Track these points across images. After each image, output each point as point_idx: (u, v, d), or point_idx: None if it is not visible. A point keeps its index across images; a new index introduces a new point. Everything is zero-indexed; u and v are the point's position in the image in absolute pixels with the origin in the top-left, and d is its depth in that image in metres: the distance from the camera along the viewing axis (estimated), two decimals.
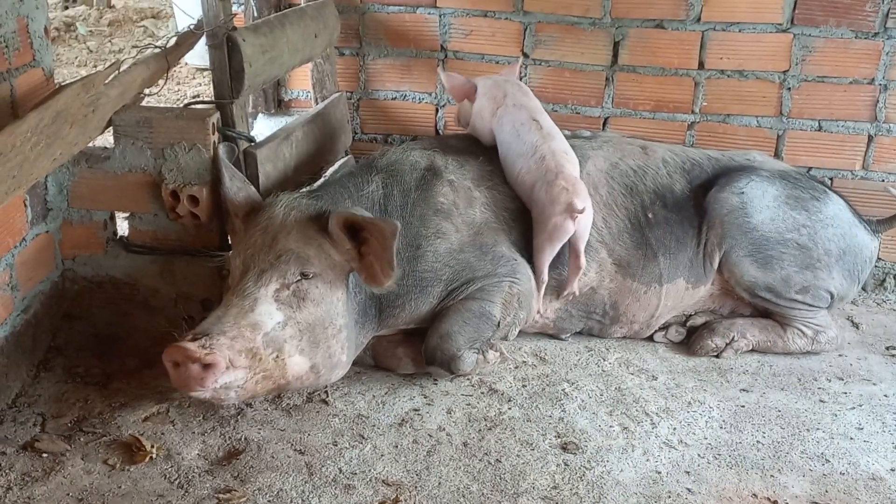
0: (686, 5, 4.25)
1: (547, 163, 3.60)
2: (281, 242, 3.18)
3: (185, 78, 7.73)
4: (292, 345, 3.10)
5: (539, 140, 3.66)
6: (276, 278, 3.12)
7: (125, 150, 3.46)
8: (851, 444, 3.27)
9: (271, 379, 3.08)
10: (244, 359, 2.97)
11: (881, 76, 4.20)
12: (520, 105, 3.79)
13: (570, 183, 3.55)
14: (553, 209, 3.52)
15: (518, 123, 3.73)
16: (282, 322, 3.08)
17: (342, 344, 3.25)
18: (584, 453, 3.16)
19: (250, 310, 3.06)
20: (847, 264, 3.85)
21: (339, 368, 3.29)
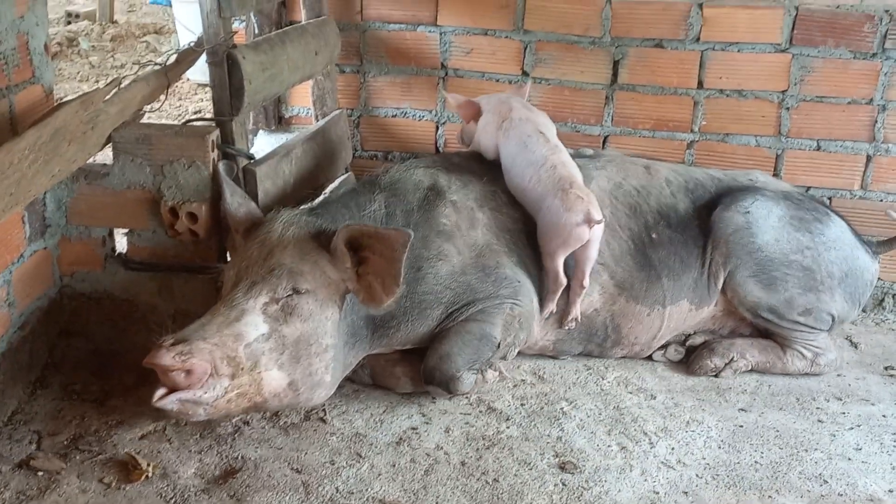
0: (685, 25, 4.26)
1: (559, 171, 3.59)
2: (276, 257, 3.17)
3: (187, 94, 7.76)
4: (271, 358, 3.05)
5: (548, 151, 3.67)
6: (266, 291, 3.11)
7: (124, 167, 3.47)
8: (849, 464, 3.26)
9: (246, 396, 3.02)
10: (227, 366, 2.94)
11: (879, 96, 4.20)
12: (526, 119, 3.79)
13: (584, 192, 3.55)
14: (570, 217, 3.49)
15: (525, 136, 3.72)
16: (265, 334, 3.05)
17: (326, 364, 3.21)
18: (582, 473, 3.16)
19: (236, 319, 3.03)
20: (849, 287, 3.84)
21: (322, 389, 3.23)
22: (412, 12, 4.50)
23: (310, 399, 3.23)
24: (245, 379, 2.99)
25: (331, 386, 3.29)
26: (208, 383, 2.90)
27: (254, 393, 3.04)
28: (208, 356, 2.89)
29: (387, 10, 4.52)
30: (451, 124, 4.61)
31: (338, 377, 3.33)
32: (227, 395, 2.96)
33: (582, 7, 4.33)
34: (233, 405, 3.00)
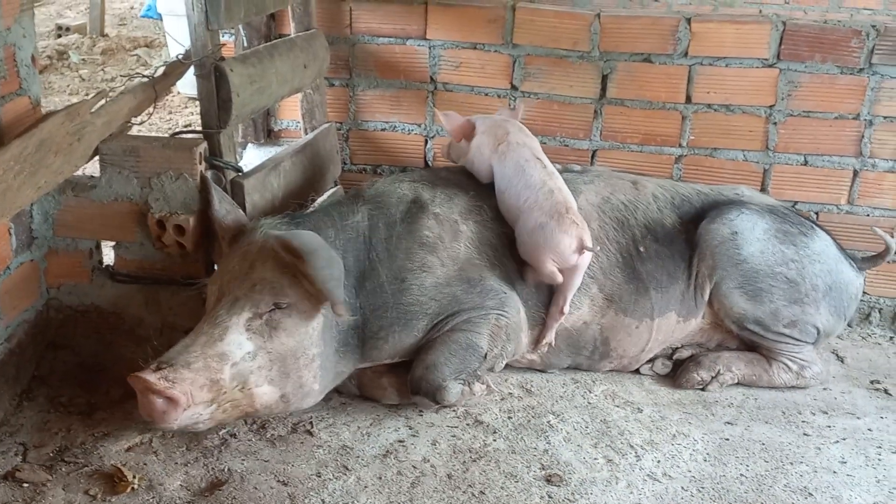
0: (673, 40, 4.27)
1: (556, 196, 3.60)
2: (258, 271, 3.18)
3: (178, 107, 7.76)
4: (261, 375, 3.10)
5: (545, 176, 3.67)
6: (248, 307, 3.12)
7: (111, 179, 3.47)
8: (835, 477, 3.27)
9: (239, 408, 3.10)
10: (207, 392, 2.97)
11: (866, 111, 4.22)
12: (523, 143, 3.78)
13: (580, 220, 3.58)
14: (564, 238, 3.52)
15: (523, 160, 3.71)
16: (252, 352, 3.08)
17: (314, 373, 3.24)
18: (569, 486, 3.16)
19: (219, 339, 3.05)
20: (833, 300, 3.86)
21: (311, 397, 3.29)
22: (401, 26, 4.51)
23: (299, 407, 3.30)
24: (237, 395, 3.05)
25: (319, 393, 3.32)
26: (192, 410, 2.96)
27: (247, 405, 3.12)
28: (189, 386, 2.93)
29: (376, 23, 4.53)
30: (441, 138, 4.62)
31: (326, 385, 3.35)
32: (221, 407, 3.04)
33: (570, 21, 4.35)
34: (227, 415, 3.09)
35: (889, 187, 4.29)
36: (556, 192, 3.62)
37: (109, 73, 8.81)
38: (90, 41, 9.67)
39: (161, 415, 2.90)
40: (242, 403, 3.09)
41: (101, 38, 9.82)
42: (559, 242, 3.52)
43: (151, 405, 2.89)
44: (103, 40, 9.75)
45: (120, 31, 10.45)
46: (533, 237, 3.59)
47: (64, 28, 10.05)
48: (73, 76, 8.69)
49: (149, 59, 9.17)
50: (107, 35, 10.00)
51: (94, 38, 9.78)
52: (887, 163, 4.27)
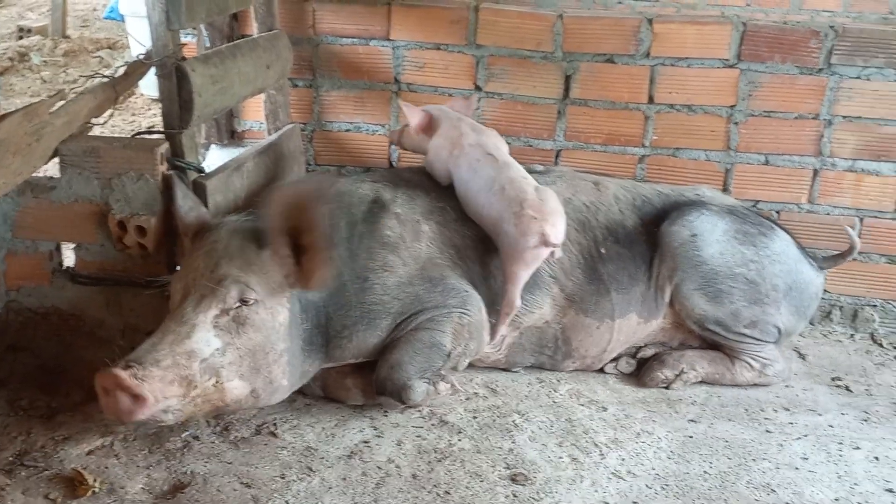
0: (635, 41, 4.29)
1: (508, 193, 3.58)
2: (223, 268, 3.16)
3: (140, 109, 7.71)
4: (231, 370, 3.09)
5: (495, 172, 3.66)
6: (215, 304, 3.10)
7: (71, 180, 3.44)
8: (797, 473, 3.29)
9: (210, 402, 3.07)
10: (176, 388, 2.95)
11: (826, 111, 4.25)
12: (475, 144, 3.78)
13: (536, 210, 3.53)
14: (525, 241, 3.50)
15: (474, 161, 3.72)
16: (220, 348, 3.06)
17: (283, 368, 3.23)
18: (534, 485, 3.16)
19: (187, 336, 3.03)
20: (794, 300, 3.89)
21: (280, 392, 3.28)
22: (365, 26, 4.50)
23: (268, 402, 3.29)
24: (209, 388, 3.03)
25: (288, 389, 3.31)
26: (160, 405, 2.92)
27: (217, 399, 3.09)
28: (158, 384, 2.90)
29: (339, 24, 4.52)
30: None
31: (294, 381, 3.34)
32: (193, 402, 3.01)
33: (533, 22, 4.36)
34: (198, 409, 3.06)
35: (848, 186, 4.33)
36: (506, 188, 3.59)
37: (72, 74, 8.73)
38: (52, 43, 9.58)
39: (127, 413, 2.87)
40: (214, 398, 3.06)
41: (63, 40, 9.73)
42: (523, 247, 3.52)
43: (117, 403, 2.86)
44: (65, 42, 9.67)
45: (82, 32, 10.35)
46: (503, 248, 3.60)
47: (25, 30, 9.95)
48: (35, 78, 8.61)
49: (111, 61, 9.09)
50: (69, 37, 9.91)
51: (56, 39, 9.69)
52: (847, 162, 4.30)
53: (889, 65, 4.15)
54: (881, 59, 4.15)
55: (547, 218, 3.53)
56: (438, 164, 3.84)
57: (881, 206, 4.34)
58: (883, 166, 4.29)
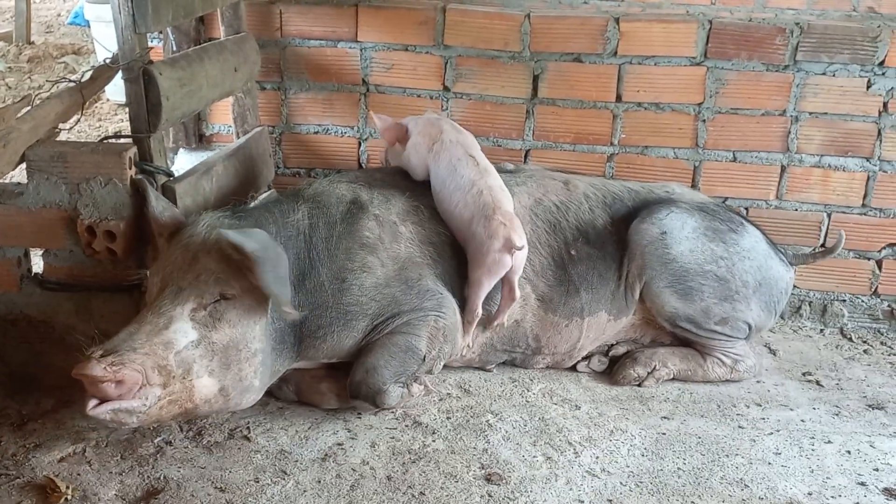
0: (603, 40, 4.31)
1: (485, 198, 3.61)
2: (201, 262, 3.15)
3: (107, 114, 7.65)
4: (202, 365, 3.05)
5: (476, 175, 3.68)
6: (193, 297, 3.09)
7: (39, 186, 3.41)
8: (770, 468, 3.31)
9: (178, 403, 3.02)
10: (158, 376, 2.92)
11: (792, 108, 4.29)
12: (455, 142, 3.79)
13: (507, 219, 3.57)
14: (492, 244, 3.53)
15: (455, 159, 3.73)
16: (195, 341, 3.04)
17: (255, 368, 3.21)
18: (508, 484, 3.16)
19: (164, 327, 3.01)
20: (764, 296, 3.91)
21: (251, 393, 3.25)
22: (332, 28, 4.49)
23: (238, 404, 3.23)
24: (177, 386, 2.99)
25: (259, 390, 3.29)
26: (140, 393, 2.88)
27: (185, 399, 3.03)
28: (139, 367, 2.87)
29: (307, 26, 4.51)
30: (374, 140, 4.61)
31: (265, 382, 3.32)
32: (160, 403, 2.95)
33: (501, 22, 4.36)
34: (164, 412, 3.00)
35: (816, 182, 4.37)
36: (484, 193, 3.62)
37: (37, 80, 8.64)
38: (16, 49, 9.49)
39: (116, 398, 2.84)
40: (181, 398, 3.02)
41: (28, 46, 9.64)
42: (489, 249, 3.54)
43: (103, 392, 2.82)
44: (30, 48, 9.58)
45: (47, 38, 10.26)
46: (470, 250, 3.64)
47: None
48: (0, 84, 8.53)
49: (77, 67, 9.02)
50: (33, 42, 9.82)
51: (21, 45, 9.60)
52: (813, 158, 4.34)
53: (854, 61, 4.19)
54: (846, 55, 4.19)
55: (515, 228, 3.56)
56: (416, 158, 3.84)
57: (849, 202, 4.38)
58: (849, 162, 4.32)
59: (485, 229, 3.55)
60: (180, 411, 3.06)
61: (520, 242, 3.54)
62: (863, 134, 4.29)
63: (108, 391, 2.82)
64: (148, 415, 2.95)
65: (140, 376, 2.86)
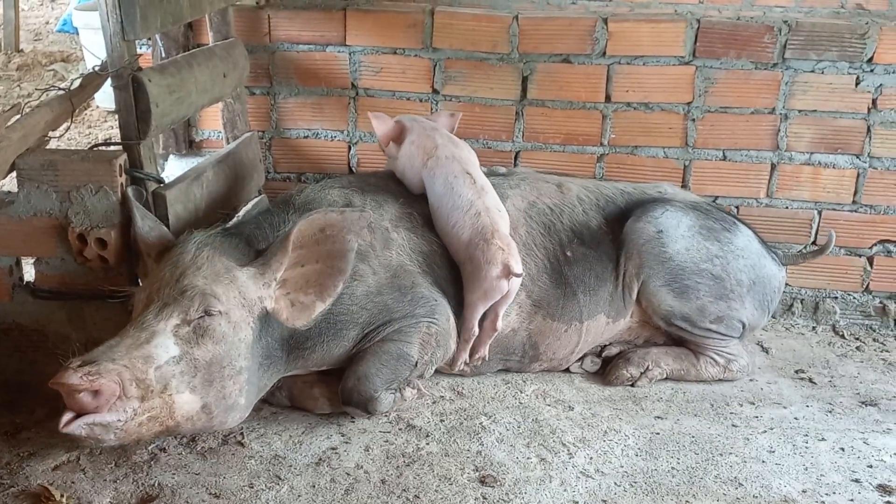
0: (591, 40, 4.31)
1: (483, 220, 3.57)
2: (188, 278, 3.13)
3: (97, 121, 7.64)
4: (182, 381, 3.01)
5: (473, 195, 3.63)
6: (177, 313, 3.07)
7: (30, 194, 3.40)
8: (763, 467, 3.32)
9: (158, 419, 2.97)
10: (135, 388, 2.88)
11: (781, 106, 4.29)
12: (452, 157, 3.75)
13: (505, 243, 3.54)
14: (490, 269, 3.50)
15: (451, 176, 3.68)
16: (177, 357, 3.01)
17: (240, 386, 3.17)
18: (503, 486, 3.17)
19: (146, 342, 2.99)
20: (757, 294, 3.92)
21: (236, 411, 3.20)
22: (321, 33, 4.49)
23: (224, 422, 3.19)
24: (156, 402, 2.94)
25: (245, 409, 3.25)
26: (116, 405, 2.85)
27: (166, 416, 2.99)
28: (116, 377, 2.84)
29: (295, 31, 4.51)
30: (364, 144, 4.61)
31: (252, 400, 3.29)
32: (138, 419, 2.91)
33: (489, 24, 4.37)
34: (144, 429, 2.95)
35: (806, 179, 4.38)
36: (482, 214, 3.58)
37: (26, 88, 8.64)
38: (5, 57, 9.48)
39: (93, 409, 2.81)
40: (161, 415, 2.97)
41: (17, 54, 9.63)
42: (486, 275, 3.51)
43: (79, 403, 2.80)
44: (18, 56, 9.56)
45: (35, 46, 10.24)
46: (466, 273, 3.61)
47: None
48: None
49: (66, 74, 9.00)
50: (22, 50, 9.81)
51: (9, 53, 9.59)
52: (803, 155, 4.35)
53: (842, 58, 4.20)
54: (834, 52, 4.20)
55: (513, 253, 3.53)
56: (410, 172, 3.81)
57: (839, 199, 4.39)
58: (839, 159, 4.33)
59: (483, 254, 3.52)
60: (161, 429, 3.01)
61: (517, 269, 3.51)
62: (852, 131, 4.30)
63: (85, 401, 2.80)
64: (126, 431, 2.90)
65: (117, 387, 2.83)
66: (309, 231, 3.27)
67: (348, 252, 3.30)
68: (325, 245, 3.30)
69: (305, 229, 3.26)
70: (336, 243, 3.29)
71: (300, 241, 3.27)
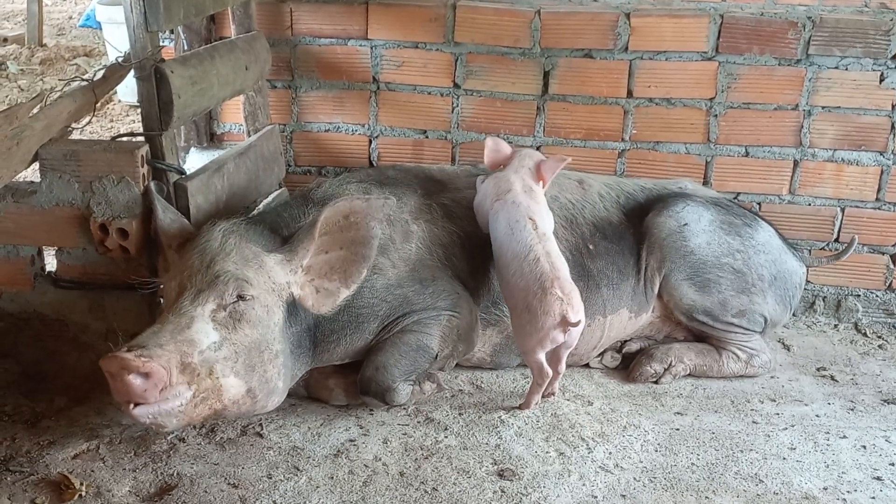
0: (613, 35, 4.30)
1: (542, 265, 3.44)
2: (219, 264, 3.14)
3: (119, 115, 7.67)
4: (227, 366, 3.02)
5: (534, 239, 3.51)
6: (212, 298, 3.07)
7: (52, 184, 3.42)
8: (784, 464, 3.30)
9: (207, 402, 2.99)
10: (184, 374, 2.90)
11: (804, 102, 4.27)
12: (518, 203, 3.62)
13: (565, 292, 3.40)
14: (545, 320, 3.37)
15: (513, 220, 3.57)
16: (217, 342, 3.02)
17: (278, 370, 3.20)
18: (521, 480, 3.16)
19: (186, 327, 2.99)
20: (779, 290, 3.91)
21: (276, 395, 3.23)
22: (342, 26, 4.49)
23: (265, 406, 3.22)
24: (206, 384, 2.96)
25: (282, 392, 3.28)
26: (170, 391, 2.86)
27: (215, 399, 3.01)
28: (166, 362, 2.85)
29: (317, 24, 4.51)
30: (385, 138, 4.61)
31: (287, 384, 3.32)
32: (194, 401, 2.93)
33: (511, 19, 4.35)
34: (197, 412, 2.98)
35: (829, 176, 4.35)
36: (541, 260, 3.45)
37: (49, 82, 8.69)
38: (28, 51, 9.54)
39: (141, 394, 2.81)
40: (211, 397, 2.98)
41: (40, 49, 9.69)
42: (543, 325, 3.38)
43: (129, 386, 2.79)
44: (42, 50, 9.62)
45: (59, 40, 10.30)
46: (521, 321, 3.48)
47: (1, 39, 9.91)
48: (12, 87, 8.56)
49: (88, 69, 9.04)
50: (45, 45, 9.87)
51: (33, 48, 9.65)
52: (826, 152, 4.32)
53: (866, 54, 4.17)
54: (858, 48, 4.17)
55: (573, 302, 3.40)
56: (480, 211, 3.72)
57: (862, 196, 4.35)
58: (863, 156, 4.31)
59: (540, 303, 3.38)
60: (210, 412, 3.03)
61: (575, 318, 3.38)
62: (876, 128, 4.27)
63: (134, 384, 2.79)
64: (186, 414, 2.93)
65: (165, 373, 2.83)
66: (334, 218, 3.29)
67: (372, 239, 3.31)
68: (348, 232, 3.31)
69: (330, 216, 3.28)
70: (360, 230, 3.30)
71: (325, 228, 3.28)
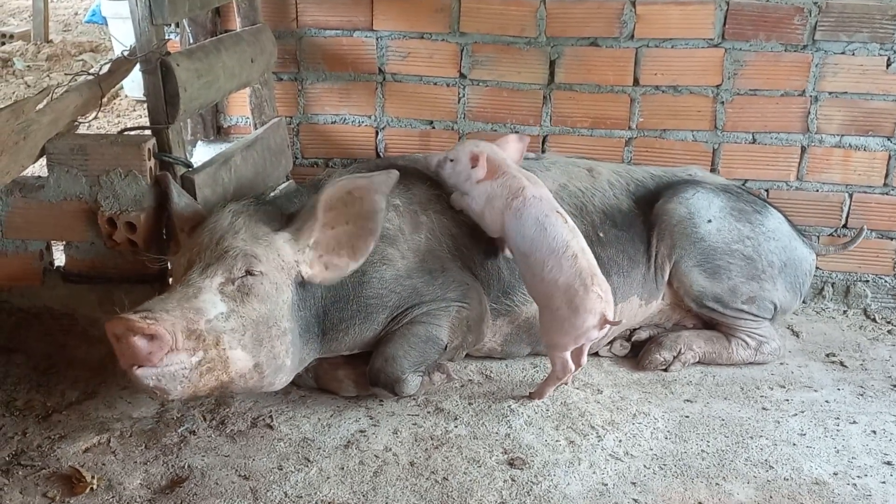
0: (619, 23, 4.29)
1: (580, 262, 3.39)
2: (228, 240, 3.16)
3: (125, 110, 7.70)
4: (234, 338, 3.02)
5: (568, 235, 3.46)
6: (221, 272, 3.08)
7: (59, 179, 3.42)
8: (794, 449, 3.30)
9: (213, 373, 2.97)
10: (190, 340, 2.89)
11: (811, 88, 4.26)
12: (540, 197, 3.55)
13: (604, 290, 3.38)
14: (587, 318, 3.34)
15: (543, 216, 3.48)
16: (225, 313, 3.02)
17: (286, 347, 3.19)
18: (531, 468, 3.16)
19: (194, 296, 3.00)
20: (789, 276, 3.91)
21: (283, 373, 3.23)
22: (348, 18, 4.49)
23: (272, 383, 3.22)
24: (212, 353, 2.95)
25: (290, 371, 3.28)
26: (176, 356, 2.86)
27: (221, 371, 3.00)
28: (171, 326, 2.84)
29: (322, 16, 4.51)
30: (391, 129, 4.61)
31: (296, 364, 3.31)
32: (200, 369, 2.93)
33: (516, 8, 4.35)
34: (202, 381, 2.96)
35: (836, 162, 4.34)
36: (579, 257, 3.40)
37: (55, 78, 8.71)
38: (35, 48, 9.57)
39: (146, 356, 2.80)
40: (217, 367, 2.97)
41: (46, 45, 9.72)
42: (582, 323, 3.35)
43: (134, 348, 2.78)
44: (48, 46, 9.65)
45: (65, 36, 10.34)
46: (554, 316, 3.42)
47: (7, 35, 9.93)
48: (19, 83, 8.59)
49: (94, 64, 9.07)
50: (51, 41, 9.90)
51: (39, 44, 9.68)
52: (834, 138, 4.31)
53: (873, 39, 4.16)
54: (865, 33, 4.16)
55: (610, 301, 3.39)
56: (491, 214, 3.59)
57: (870, 181, 4.35)
58: (870, 141, 4.29)
59: (582, 301, 3.33)
60: (216, 384, 3.02)
61: (612, 318, 3.37)
62: (883, 113, 4.26)
63: (138, 346, 2.78)
64: (190, 381, 2.92)
65: (170, 337, 2.83)
66: (337, 194, 3.30)
67: (377, 212, 3.31)
68: (353, 207, 3.31)
69: (334, 193, 3.29)
70: (364, 204, 3.31)
71: (329, 204, 3.29)
